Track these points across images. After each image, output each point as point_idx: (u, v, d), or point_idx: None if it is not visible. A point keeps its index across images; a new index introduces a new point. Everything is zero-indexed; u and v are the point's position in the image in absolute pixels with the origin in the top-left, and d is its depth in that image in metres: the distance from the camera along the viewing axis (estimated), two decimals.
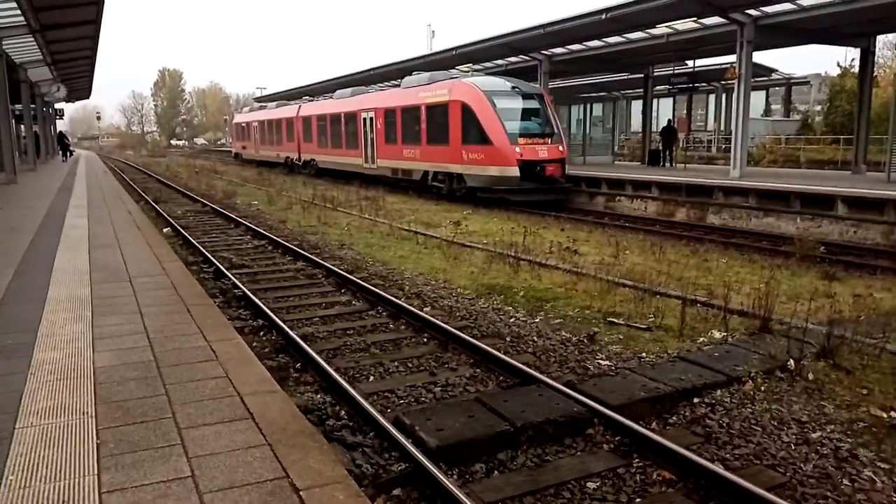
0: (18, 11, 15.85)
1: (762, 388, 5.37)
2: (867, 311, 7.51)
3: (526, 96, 20.01)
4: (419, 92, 22.22)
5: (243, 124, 46.70)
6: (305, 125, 33.09)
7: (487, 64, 27.75)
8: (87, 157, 50.51)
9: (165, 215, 16.73)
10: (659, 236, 13.88)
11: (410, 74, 31.90)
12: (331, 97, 33.03)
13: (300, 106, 35.14)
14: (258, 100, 60.72)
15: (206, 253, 11.36)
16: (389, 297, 8.19)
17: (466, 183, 19.92)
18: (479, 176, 19.27)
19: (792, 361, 5.69)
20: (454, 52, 26.23)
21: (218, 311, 6.36)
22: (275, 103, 42.09)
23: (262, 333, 7.09)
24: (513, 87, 20.06)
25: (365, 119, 25.94)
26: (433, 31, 52.19)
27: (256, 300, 8.02)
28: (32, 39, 19.56)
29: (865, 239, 13.35)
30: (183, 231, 14.00)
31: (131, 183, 27.01)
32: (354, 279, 9.23)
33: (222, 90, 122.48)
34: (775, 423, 4.82)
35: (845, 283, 9.43)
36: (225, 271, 9.90)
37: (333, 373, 5.54)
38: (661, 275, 9.47)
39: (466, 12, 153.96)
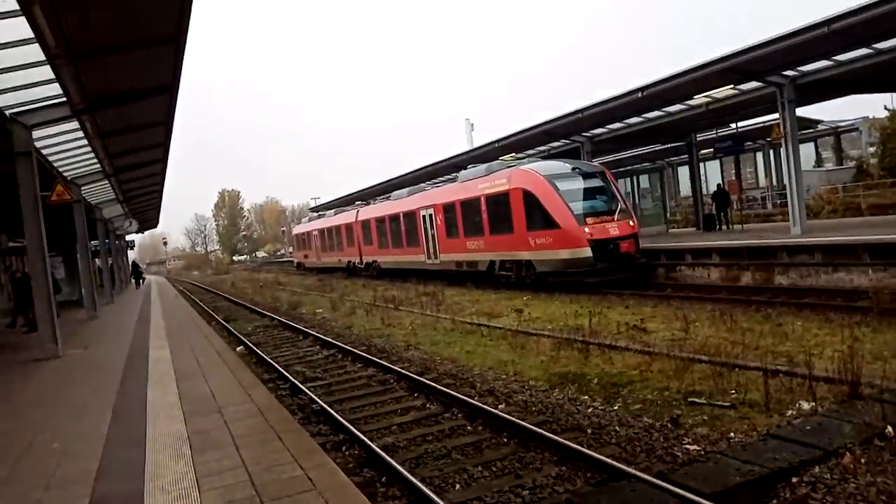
0: (95, 160, 17.24)
1: (863, 461, 5.15)
2: None
3: (587, 175, 19.92)
4: (478, 184, 22.44)
5: (304, 234, 48.30)
6: (365, 228, 33.91)
7: (530, 151, 28.41)
8: (158, 282, 52.90)
9: (237, 334, 17.26)
10: (727, 304, 13.58)
11: (457, 169, 32.94)
12: (387, 198, 34.05)
13: (358, 211, 36.22)
14: (313, 209, 63.19)
15: (280, 369, 11.65)
16: (462, 397, 8.23)
17: (536, 269, 19.54)
18: (550, 261, 18.91)
19: (890, 428, 5.45)
20: (497, 145, 27.05)
21: (307, 435, 6.50)
22: (332, 211, 43.66)
23: (344, 448, 7.18)
24: (573, 168, 20.10)
25: (424, 216, 26.41)
26: (472, 125, 53.77)
27: (334, 413, 8.16)
28: (107, 182, 21.12)
29: None
30: (255, 348, 14.38)
31: (202, 304, 28.07)
32: (426, 381, 9.33)
33: (278, 203, 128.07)
34: (884, 498, 4.60)
35: None
36: (300, 386, 10.12)
37: (420, 484, 5.56)
38: (735, 345, 9.26)
39: (501, 103, 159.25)
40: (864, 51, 15.90)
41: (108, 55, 10.03)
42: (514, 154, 29.14)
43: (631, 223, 18.98)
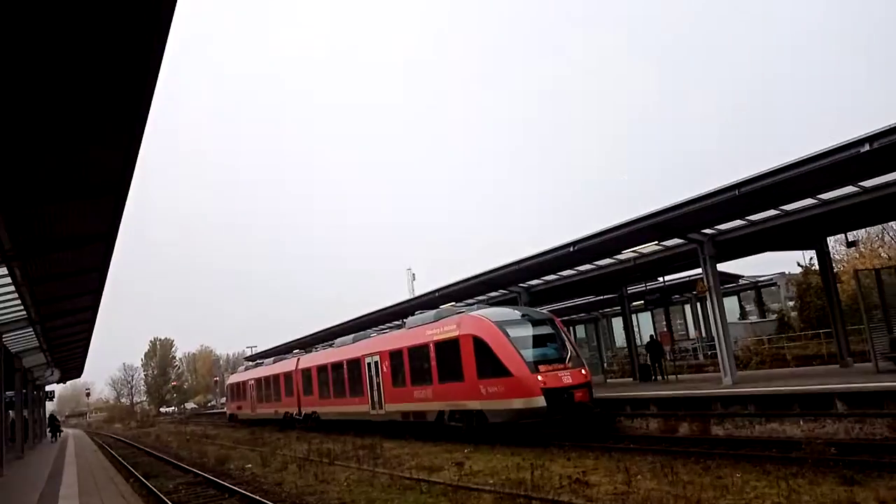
0: (21, 306, 16.64)
1: None
2: None
3: (537, 322, 19.55)
4: (426, 330, 21.81)
5: (238, 384, 46.35)
6: (305, 377, 32.62)
7: (469, 301, 28.93)
8: (76, 435, 49.33)
9: (157, 492, 16.06)
10: (667, 456, 13.55)
11: (399, 317, 32.97)
12: (330, 345, 33.20)
13: (298, 358, 35.15)
14: (248, 358, 61.44)
15: None
16: None
17: (488, 419, 18.52)
18: (502, 410, 18.02)
19: None
20: (437, 294, 27.48)
21: None
22: (271, 359, 42.18)
23: None
24: (522, 315, 19.79)
25: (369, 364, 25.42)
26: (413, 275, 54.73)
27: None
28: (31, 330, 20.26)
29: (873, 434, 13.18)
30: None
31: (121, 460, 26.16)
32: None
33: (212, 352, 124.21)
34: None
35: (867, 486, 9.19)
36: None
37: None
38: (678, 499, 9.18)
39: (442, 254, 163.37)
40: (773, 212, 17.32)
41: (45, 205, 10.05)
42: (454, 304, 29.60)
43: (583, 371, 18.55)
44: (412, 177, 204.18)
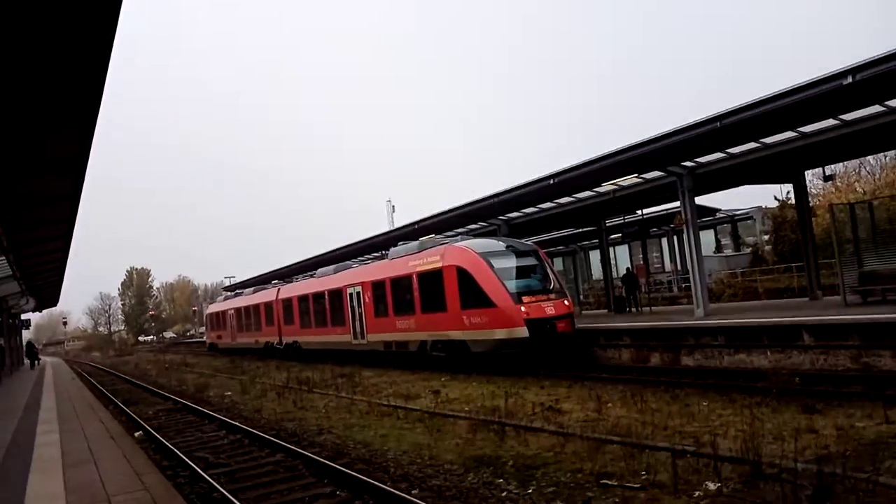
0: None
1: None
2: (853, 444, 7.53)
3: (521, 254, 19.55)
4: (409, 261, 21.86)
5: (218, 313, 46.38)
6: (286, 307, 32.71)
7: (448, 233, 28.88)
8: (54, 364, 49.49)
9: (136, 418, 16.23)
10: (638, 385, 13.89)
11: (376, 249, 32.84)
12: (311, 276, 33.12)
13: (279, 288, 35.15)
14: (227, 288, 61.34)
15: (181, 455, 10.97)
16: (374, 483, 7.95)
17: (470, 349, 18.76)
18: (485, 341, 18.20)
19: None
20: (416, 226, 27.36)
21: None
22: (251, 289, 41.98)
23: None
24: (507, 247, 19.74)
25: (351, 294, 25.50)
26: (393, 207, 54.41)
27: (236, 502, 7.69)
28: (3, 258, 19.91)
29: (836, 365, 13.57)
30: (156, 434, 13.55)
31: (100, 387, 26.34)
32: (336, 467, 8.97)
33: (190, 282, 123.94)
34: None
35: (826, 414, 9.49)
36: (202, 473, 9.53)
37: None
38: (646, 426, 9.45)
39: (422, 185, 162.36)
40: (753, 144, 17.26)
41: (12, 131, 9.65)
42: (433, 236, 29.53)
43: (566, 303, 18.77)
44: (396, 106, 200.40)
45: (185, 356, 45.26)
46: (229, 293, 52.59)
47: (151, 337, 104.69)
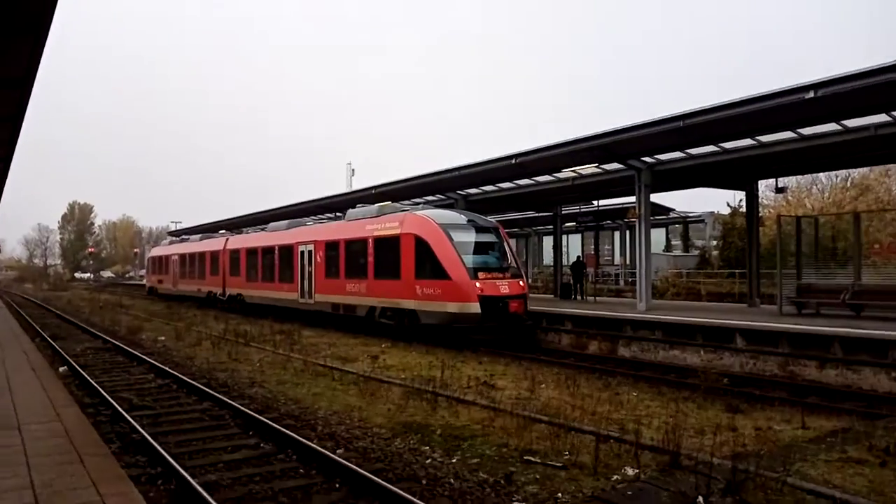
0: None
1: None
2: (769, 444, 7.78)
3: (481, 229, 19.39)
4: (366, 224, 21.49)
5: (161, 257, 45.14)
6: (233, 258, 31.89)
7: (405, 202, 28.68)
8: None
9: (63, 353, 15.79)
10: (573, 370, 14.11)
11: (330, 210, 32.32)
12: (262, 230, 32.37)
13: (227, 238, 34.36)
14: (173, 233, 59.84)
15: (105, 394, 10.72)
16: (299, 438, 7.88)
17: (420, 320, 18.48)
18: (436, 312, 17.92)
19: (701, 498, 5.76)
20: (374, 191, 27.03)
21: (114, 460, 5.96)
22: (198, 236, 41.03)
23: (160, 482, 6.62)
24: (468, 221, 19.55)
25: (303, 251, 24.92)
26: (353, 170, 53.63)
27: (156, 445, 7.53)
28: None
29: (764, 370, 14.02)
30: (81, 370, 13.21)
31: (29, 319, 25.54)
32: (264, 420, 8.88)
33: (134, 223, 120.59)
34: None
35: (748, 415, 9.79)
36: (124, 413, 9.32)
37: None
38: (575, 409, 9.57)
39: (384, 152, 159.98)
40: (712, 147, 17.54)
41: None
42: (390, 202, 29.28)
43: (521, 283, 18.66)
44: (357, 68, 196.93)
45: (121, 297, 44.05)
46: (175, 238, 51.28)
47: (89, 275, 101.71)
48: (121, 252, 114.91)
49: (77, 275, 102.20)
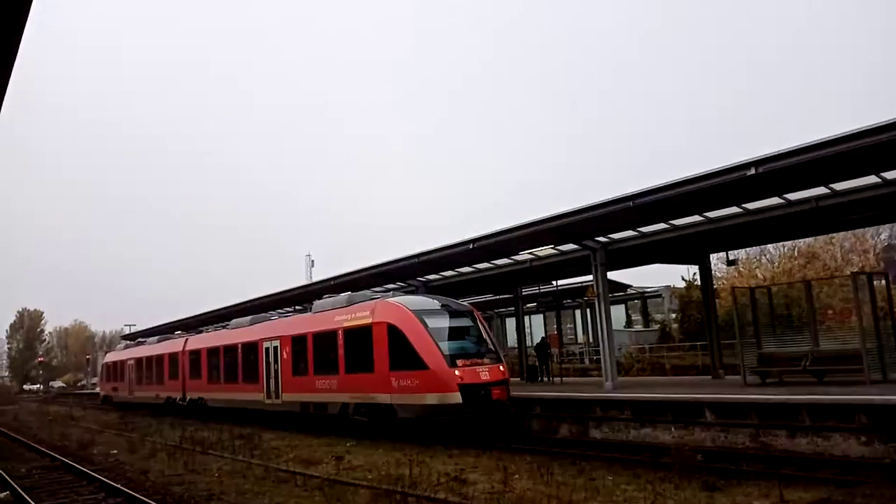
0: None
1: None
2: None
3: (456, 314, 18.54)
4: (335, 315, 20.36)
5: (115, 363, 43.06)
6: (193, 360, 30.46)
7: (366, 292, 28.46)
8: None
9: (6, 476, 14.74)
10: (546, 457, 13.77)
11: (294, 304, 31.71)
12: (223, 327, 31.22)
13: (187, 339, 32.97)
14: (127, 337, 58.02)
15: None
16: None
17: (398, 414, 17.36)
18: (414, 405, 16.87)
19: None
20: (332, 283, 26.86)
21: None
22: (155, 338, 39.41)
23: None
24: (442, 305, 18.64)
25: (267, 349, 23.67)
26: (312, 262, 53.44)
27: None
28: None
29: (736, 443, 13.90)
30: (24, 494, 12.34)
31: None
32: None
33: (87, 328, 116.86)
34: None
35: (726, 492, 9.61)
36: None
37: None
38: (551, 500, 9.27)
39: (342, 242, 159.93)
40: (663, 225, 18.01)
41: None
42: (350, 293, 29.03)
43: (501, 368, 17.72)
44: (313, 159, 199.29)
45: (71, 408, 41.94)
46: (130, 342, 49.44)
47: (38, 385, 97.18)
48: (73, 359, 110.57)
49: (26, 386, 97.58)
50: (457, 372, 16.53)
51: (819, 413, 12.98)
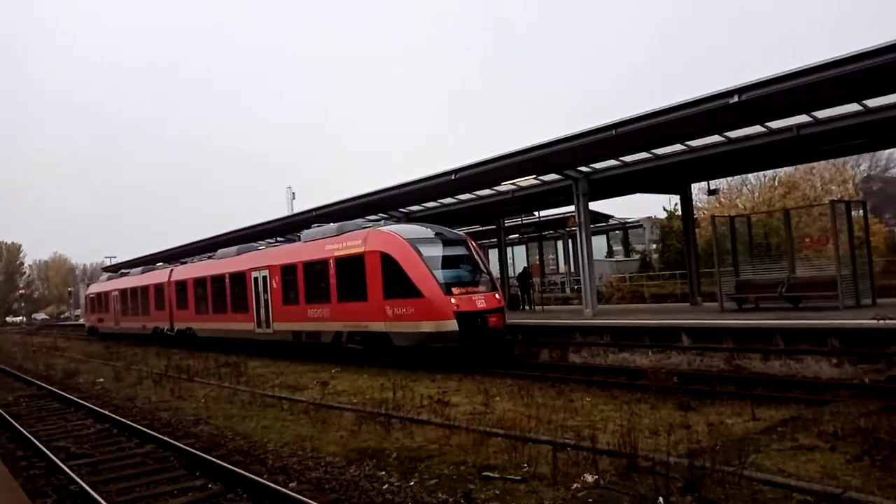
0: None
1: None
2: (722, 439, 7.87)
3: (450, 242, 18.30)
4: (325, 244, 20.14)
5: (100, 294, 42.77)
6: (180, 290, 30.16)
7: (358, 220, 28.25)
8: None
9: None
10: (526, 380, 14.09)
11: (270, 235, 31.47)
12: (210, 258, 30.69)
13: (172, 270, 32.57)
14: (109, 269, 57.60)
15: (39, 444, 10.12)
16: (250, 475, 7.57)
17: (393, 342, 17.37)
18: (409, 333, 16.84)
19: (661, 499, 5.74)
20: (314, 213, 26.64)
21: None
22: (140, 269, 38.81)
23: None
24: (436, 234, 18.42)
25: (256, 278, 23.52)
26: (293, 193, 52.89)
27: (95, 495, 7.13)
28: None
29: (711, 366, 14.29)
30: (12, 420, 12.47)
31: None
32: (210, 459, 8.51)
33: (67, 261, 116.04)
34: None
35: (700, 411, 9.92)
36: (60, 464, 8.79)
37: None
38: (531, 420, 9.52)
39: (324, 174, 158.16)
40: (645, 154, 17.94)
41: None
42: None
43: (497, 296, 17.69)
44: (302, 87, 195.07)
45: (55, 339, 42.09)
46: (113, 273, 48.97)
47: (21, 318, 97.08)
48: (54, 292, 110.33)
49: (9, 318, 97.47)
50: (452, 300, 16.49)
51: (793, 337, 13.33)
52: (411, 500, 6.66)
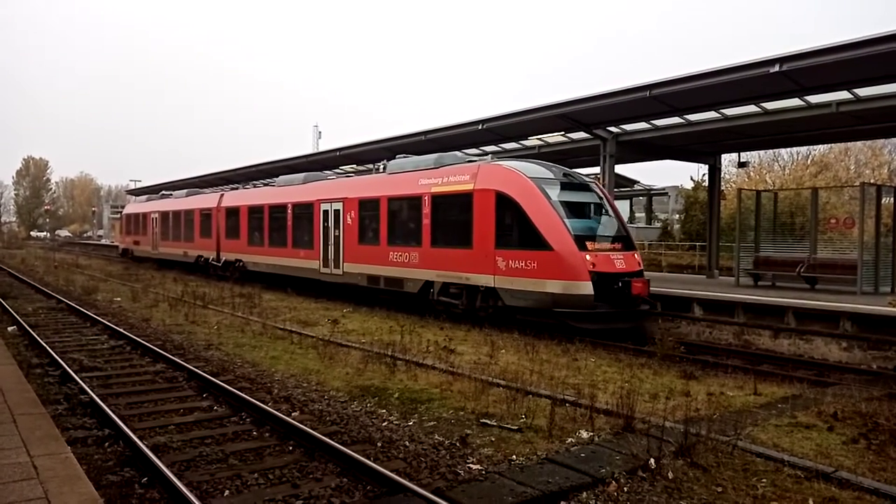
0: None
1: (625, 489, 5.43)
2: (721, 409, 7.91)
3: (580, 187, 15.44)
4: (420, 178, 17.40)
5: (138, 215, 38.90)
6: (230, 218, 27.15)
7: (370, 165, 28.23)
8: None
9: (13, 312, 15.34)
10: (534, 336, 14.14)
11: (293, 171, 31.06)
12: (265, 184, 28.31)
13: (222, 195, 29.07)
14: (133, 192, 58.08)
15: (54, 354, 10.44)
16: (255, 401, 7.77)
17: (503, 301, 14.76)
18: (529, 292, 14.09)
19: (653, 460, 5.82)
20: (338, 153, 26.61)
21: (49, 420, 5.78)
22: (183, 191, 35.12)
23: (107, 444, 6.45)
24: (564, 174, 15.46)
25: (326, 211, 20.69)
26: (320, 132, 52.80)
27: (104, 406, 7.36)
28: None
29: (720, 339, 14.28)
30: (31, 330, 12.87)
31: None
32: (218, 382, 8.73)
33: (93, 181, 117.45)
34: None
35: (702, 381, 9.95)
36: (73, 374, 9.08)
37: (182, 487, 5.06)
38: (533, 374, 9.61)
39: (352, 113, 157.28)
40: (677, 119, 17.58)
41: None
42: (355, 166, 28.87)
43: (636, 257, 14.84)
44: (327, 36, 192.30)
45: (77, 257, 42.97)
46: (152, 194, 45.51)
47: (45, 233, 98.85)
48: (78, 211, 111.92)
49: (33, 233, 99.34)
50: (587, 257, 13.62)
51: (805, 317, 13.24)
52: (408, 439, 6.81)
